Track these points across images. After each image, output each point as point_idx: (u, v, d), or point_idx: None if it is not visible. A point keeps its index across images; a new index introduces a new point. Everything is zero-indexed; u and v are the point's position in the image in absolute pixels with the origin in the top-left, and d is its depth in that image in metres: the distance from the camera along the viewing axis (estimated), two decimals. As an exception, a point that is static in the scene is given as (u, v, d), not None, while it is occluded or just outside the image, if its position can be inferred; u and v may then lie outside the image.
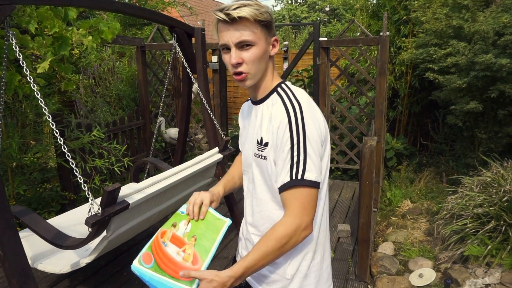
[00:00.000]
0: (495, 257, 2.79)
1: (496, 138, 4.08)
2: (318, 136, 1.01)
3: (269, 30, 1.05)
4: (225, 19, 0.99)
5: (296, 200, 0.99)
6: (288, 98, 1.05)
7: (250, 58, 1.02)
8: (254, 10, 0.99)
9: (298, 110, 1.01)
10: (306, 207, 0.99)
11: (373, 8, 5.62)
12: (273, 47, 1.07)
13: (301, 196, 0.99)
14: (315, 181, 0.99)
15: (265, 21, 1.02)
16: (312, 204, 1.00)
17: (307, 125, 1.00)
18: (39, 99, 1.74)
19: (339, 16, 16.74)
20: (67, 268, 2.08)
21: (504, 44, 3.52)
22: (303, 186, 0.98)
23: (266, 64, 1.08)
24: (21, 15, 2.16)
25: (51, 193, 3.43)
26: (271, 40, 1.06)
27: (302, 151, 0.98)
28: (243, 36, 1.00)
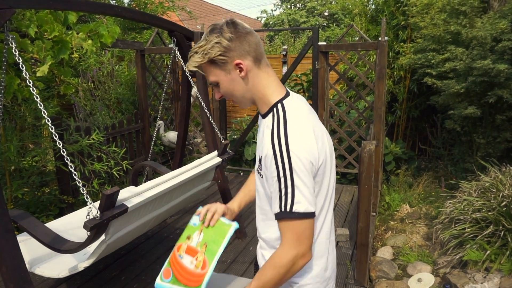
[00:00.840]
0: (494, 262, 2.79)
1: (494, 143, 4.09)
2: (307, 165, 0.99)
3: (224, 62, 1.04)
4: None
5: (289, 231, 1.00)
6: (277, 125, 1.02)
7: (224, 92, 1.10)
8: (197, 58, 1.05)
9: (284, 142, 0.98)
10: (299, 237, 0.99)
11: (372, 13, 5.65)
12: (240, 70, 1.05)
13: (293, 227, 0.99)
14: (305, 212, 0.98)
15: (212, 59, 1.04)
16: (306, 233, 1.00)
17: (293, 157, 0.97)
18: (38, 102, 1.75)
19: (338, 21, 16.81)
20: (65, 272, 2.07)
21: (502, 50, 3.54)
22: (293, 218, 0.98)
23: (246, 86, 1.08)
24: (20, 19, 2.17)
25: (50, 196, 3.42)
26: (231, 67, 1.05)
27: (289, 183, 0.97)
28: (208, 78, 1.09)
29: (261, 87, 1.08)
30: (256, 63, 1.06)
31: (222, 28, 1.03)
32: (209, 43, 1.03)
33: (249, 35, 1.05)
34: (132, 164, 4.09)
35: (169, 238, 3.23)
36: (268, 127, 1.05)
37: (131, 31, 6.35)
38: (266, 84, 1.09)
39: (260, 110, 1.13)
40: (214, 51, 1.03)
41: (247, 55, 1.05)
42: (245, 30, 1.06)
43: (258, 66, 1.07)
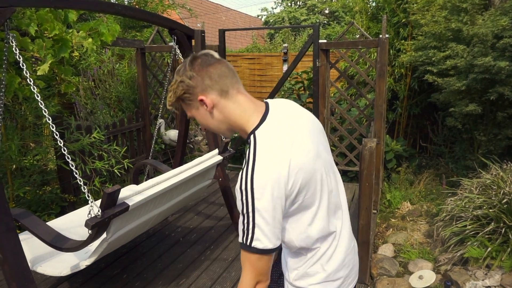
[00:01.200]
0: (495, 259, 2.79)
1: (495, 140, 4.08)
2: (274, 206, 0.99)
3: (190, 99, 1.08)
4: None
5: (247, 262, 1.04)
6: (247, 161, 1.02)
7: (202, 125, 1.15)
8: (169, 97, 1.10)
9: (250, 181, 0.98)
10: (256, 269, 1.03)
11: (373, 11, 5.64)
12: (206, 106, 1.08)
13: (250, 259, 1.03)
14: (263, 249, 1.01)
15: (180, 98, 1.09)
16: (263, 266, 1.03)
17: (257, 196, 0.98)
18: (39, 101, 1.75)
19: (339, 18, 16.77)
20: (67, 270, 2.08)
21: (503, 47, 3.53)
22: (251, 252, 1.02)
23: (218, 119, 1.10)
24: (21, 18, 2.17)
25: (51, 195, 3.43)
26: (197, 103, 1.08)
27: (251, 221, 0.99)
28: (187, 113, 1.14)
29: (234, 118, 1.09)
30: (222, 95, 1.07)
31: (185, 67, 1.07)
32: (176, 83, 1.08)
33: (211, 68, 1.06)
34: (133, 163, 4.09)
35: (170, 236, 3.23)
36: (245, 159, 1.06)
37: (131, 30, 6.34)
38: (239, 113, 1.09)
39: (243, 137, 1.13)
40: (179, 91, 1.07)
41: (210, 89, 1.06)
42: (207, 63, 1.07)
43: (225, 97, 1.08)
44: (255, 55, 8.31)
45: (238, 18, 20.15)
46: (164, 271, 2.69)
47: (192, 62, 1.07)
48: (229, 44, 13.97)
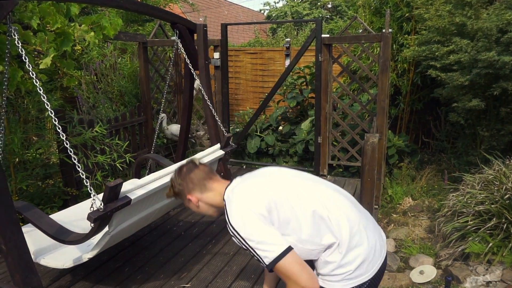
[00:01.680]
0: (496, 255, 2.79)
1: (498, 135, 4.07)
2: (255, 226, 1.26)
3: (182, 197, 1.52)
4: None
5: (282, 275, 1.23)
6: (227, 217, 1.33)
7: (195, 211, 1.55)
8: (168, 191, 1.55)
9: (229, 224, 1.30)
10: (291, 276, 1.21)
11: (376, 5, 5.60)
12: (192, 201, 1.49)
13: (280, 271, 1.23)
14: (278, 256, 1.20)
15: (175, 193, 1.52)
16: (294, 269, 1.21)
17: (240, 230, 1.26)
18: (42, 94, 1.75)
19: (341, 13, 16.66)
20: (70, 263, 2.10)
21: (508, 42, 3.50)
22: (274, 265, 1.21)
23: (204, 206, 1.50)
24: (23, 11, 2.17)
25: (54, 188, 3.44)
26: (186, 198, 1.50)
27: (250, 248, 1.25)
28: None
29: (214, 201, 1.48)
30: (202, 191, 1.48)
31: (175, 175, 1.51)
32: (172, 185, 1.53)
33: (192, 174, 1.48)
34: (135, 157, 4.11)
35: (172, 230, 3.25)
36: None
37: (133, 24, 6.33)
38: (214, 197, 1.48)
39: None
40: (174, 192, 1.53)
41: (193, 190, 1.48)
42: (189, 171, 1.49)
43: (205, 192, 1.48)
44: (258, 50, 8.28)
45: (240, 12, 20.05)
46: (166, 265, 2.71)
47: (180, 172, 1.50)
48: (231, 38, 13.92)
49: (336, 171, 5.03)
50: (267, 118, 6.22)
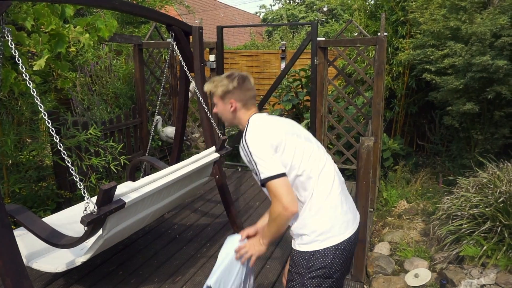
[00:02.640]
0: (490, 258, 2.80)
1: (492, 139, 4.10)
2: (263, 148, 1.45)
3: (224, 97, 1.61)
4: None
5: (270, 193, 1.44)
6: (244, 131, 1.53)
7: (218, 112, 1.68)
8: (212, 87, 1.63)
9: (245, 139, 1.49)
10: (277, 195, 1.40)
11: (371, 9, 5.63)
12: (230, 107, 1.61)
13: (269, 188, 1.42)
14: (270, 176, 1.41)
15: (218, 94, 1.62)
16: (281, 190, 1.40)
17: (250, 145, 1.46)
18: (35, 96, 1.73)
19: (337, 16, 16.73)
20: (63, 267, 2.07)
21: (501, 46, 3.54)
22: (266, 182, 1.42)
23: (231, 115, 1.64)
24: (17, 12, 2.15)
25: (47, 191, 3.41)
26: (228, 102, 1.61)
27: (253, 162, 1.45)
28: (213, 99, 1.67)
29: (243, 117, 1.63)
30: (244, 106, 1.62)
31: (234, 79, 1.59)
32: (222, 82, 1.61)
33: (249, 92, 1.62)
34: (129, 159, 4.08)
35: (166, 234, 3.23)
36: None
37: (129, 25, 6.30)
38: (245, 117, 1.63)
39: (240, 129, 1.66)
40: (220, 90, 1.61)
41: (240, 101, 1.61)
42: (248, 86, 1.62)
43: (245, 107, 1.62)
44: (253, 52, 8.29)
45: (236, 15, 20.08)
46: (160, 268, 2.69)
47: (241, 79, 1.60)
48: (227, 41, 13.93)
49: (332, 174, 5.03)
50: (262, 120, 6.21)
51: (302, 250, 1.50)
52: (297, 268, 1.51)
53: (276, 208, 1.41)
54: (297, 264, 1.51)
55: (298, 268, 1.50)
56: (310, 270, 1.47)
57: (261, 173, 1.41)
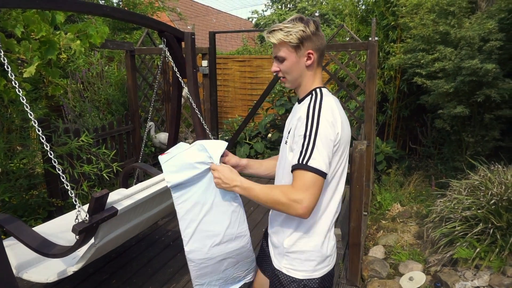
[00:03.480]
0: (483, 260, 2.82)
1: (483, 141, 4.14)
2: (330, 136, 1.20)
3: (300, 47, 1.26)
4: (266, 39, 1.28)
5: (300, 180, 1.18)
6: (315, 99, 1.26)
7: (283, 69, 1.30)
8: (282, 35, 1.25)
9: (317, 110, 1.22)
10: (307, 188, 1.16)
11: (362, 14, 5.69)
12: (308, 59, 1.28)
13: (303, 177, 1.17)
14: (317, 168, 1.17)
15: (291, 43, 1.25)
16: (313, 188, 1.17)
17: (321, 124, 1.19)
18: (25, 104, 1.71)
19: (329, 21, 16.86)
20: (54, 277, 2.04)
21: (490, 50, 3.59)
22: (306, 170, 1.17)
23: (302, 72, 1.30)
24: (7, 19, 2.13)
25: (38, 199, 3.36)
26: (304, 53, 1.27)
27: (311, 142, 1.18)
28: (278, 52, 1.29)
29: (312, 79, 1.32)
30: (319, 60, 1.31)
31: (309, 22, 1.26)
32: (296, 27, 1.25)
33: (323, 38, 1.30)
34: (122, 166, 4.04)
35: (160, 241, 3.20)
36: (305, 104, 1.27)
37: (120, 32, 6.29)
38: (316, 78, 1.33)
39: (299, 95, 1.36)
40: (298, 34, 1.24)
41: (318, 50, 1.29)
42: (322, 33, 1.30)
43: (319, 62, 1.32)
44: (246, 58, 8.31)
45: (228, 20, 20.15)
46: (154, 276, 2.66)
47: (315, 24, 1.27)
48: (220, 46, 13.95)
49: (325, 178, 5.04)
50: (256, 125, 6.24)
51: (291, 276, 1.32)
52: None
53: (296, 197, 1.17)
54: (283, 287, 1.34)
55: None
56: None
57: (312, 158, 1.16)
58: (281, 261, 1.35)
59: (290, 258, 1.33)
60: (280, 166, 1.40)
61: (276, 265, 1.38)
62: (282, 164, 1.37)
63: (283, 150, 1.37)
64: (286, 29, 1.24)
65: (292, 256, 1.33)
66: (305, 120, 1.21)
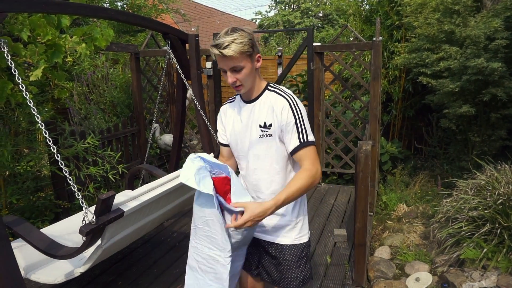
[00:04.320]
0: (491, 260, 2.80)
1: (489, 141, 4.11)
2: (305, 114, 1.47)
3: (253, 54, 1.39)
4: (219, 55, 1.34)
5: (309, 156, 1.42)
6: (281, 91, 1.47)
7: (242, 77, 1.40)
8: (239, 46, 1.33)
9: (292, 97, 1.45)
10: (316, 159, 1.43)
11: (366, 14, 5.67)
12: (257, 62, 1.43)
13: (310, 152, 1.43)
14: (314, 141, 1.45)
15: (248, 51, 1.36)
16: (316, 156, 1.45)
17: (301, 107, 1.45)
18: (32, 107, 1.73)
19: (333, 21, 16.85)
20: (61, 278, 2.05)
21: (496, 49, 3.56)
22: (309, 145, 1.42)
23: (254, 75, 1.44)
24: (13, 23, 2.15)
25: (45, 201, 3.39)
26: (255, 58, 1.42)
27: (303, 123, 1.43)
28: (234, 63, 1.37)
29: (259, 77, 1.49)
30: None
31: (243, 29, 1.37)
32: (244, 37, 1.35)
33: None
34: (128, 168, 4.07)
35: (166, 242, 3.21)
36: (269, 96, 1.47)
37: (125, 34, 6.33)
38: (260, 76, 1.50)
39: (249, 96, 1.49)
40: (249, 44, 1.36)
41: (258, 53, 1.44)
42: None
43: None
44: (250, 59, 8.31)
45: (232, 21, 20.18)
46: (160, 277, 2.67)
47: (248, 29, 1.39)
48: (224, 47, 13.93)
49: (331, 179, 5.03)
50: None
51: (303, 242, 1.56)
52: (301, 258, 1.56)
53: (313, 172, 1.39)
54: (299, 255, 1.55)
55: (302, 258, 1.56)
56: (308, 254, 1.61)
57: (309, 135, 1.43)
58: (291, 236, 1.54)
59: (298, 227, 1.55)
60: (266, 156, 1.50)
61: (286, 244, 1.55)
62: (267, 153, 1.49)
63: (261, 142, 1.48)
64: (238, 41, 1.33)
65: (300, 224, 1.55)
66: (289, 109, 1.42)
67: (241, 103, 1.54)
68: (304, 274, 1.57)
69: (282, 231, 1.54)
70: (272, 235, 1.55)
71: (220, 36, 1.35)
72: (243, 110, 1.53)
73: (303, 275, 1.57)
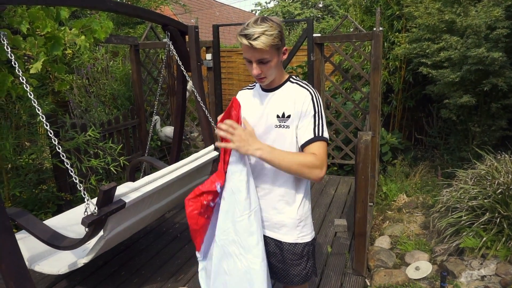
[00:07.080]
0: (490, 249, 2.82)
1: (489, 131, 4.11)
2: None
3: (280, 46, 1.36)
4: (248, 45, 1.29)
5: (319, 149, 1.38)
6: (304, 83, 1.45)
7: (267, 70, 1.37)
8: (268, 38, 1.29)
9: (315, 91, 1.44)
10: (325, 157, 1.39)
11: (366, 4, 5.63)
12: (283, 55, 1.40)
13: (321, 147, 1.38)
14: (328, 138, 1.42)
15: (277, 44, 1.32)
16: (326, 155, 1.40)
17: (321, 102, 1.44)
18: (32, 100, 1.74)
19: (333, 12, 16.72)
20: (65, 269, 2.08)
21: (496, 38, 3.54)
22: (322, 140, 1.39)
23: (279, 67, 1.42)
24: (12, 16, 2.15)
25: (47, 194, 3.41)
26: (282, 51, 1.38)
27: (321, 117, 1.41)
28: (261, 56, 1.32)
29: (282, 68, 1.47)
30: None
31: (273, 20, 1.33)
32: (274, 29, 1.30)
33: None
34: (129, 160, 4.09)
35: (168, 233, 3.24)
36: (291, 88, 1.44)
37: (124, 26, 6.30)
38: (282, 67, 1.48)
39: (271, 85, 1.45)
40: (279, 36, 1.32)
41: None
42: None
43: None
44: (250, 50, 8.28)
45: (232, 13, 20.04)
46: (162, 267, 2.70)
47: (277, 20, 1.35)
48: (223, 39, 13.90)
49: (331, 170, 5.05)
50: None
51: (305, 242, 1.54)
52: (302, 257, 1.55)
53: (318, 163, 1.34)
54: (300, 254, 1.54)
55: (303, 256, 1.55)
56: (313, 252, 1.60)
57: (324, 131, 1.41)
58: (293, 234, 1.51)
59: (301, 226, 1.52)
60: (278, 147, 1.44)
61: (289, 243, 1.53)
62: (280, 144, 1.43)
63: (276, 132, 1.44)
64: (269, 32, 1.28)
65: (302, 223, 1.52)
66: (311, 101, 1.40)
67: (260, 91, 1.50)
68: (305, 271, 1.57)
69: (285, 229, 1.53)
70: (275, 232, 1.55)
71: (249, 25, 1.29)
72: (261, 98, 1.49)
73: (305, 273, 1.58)
